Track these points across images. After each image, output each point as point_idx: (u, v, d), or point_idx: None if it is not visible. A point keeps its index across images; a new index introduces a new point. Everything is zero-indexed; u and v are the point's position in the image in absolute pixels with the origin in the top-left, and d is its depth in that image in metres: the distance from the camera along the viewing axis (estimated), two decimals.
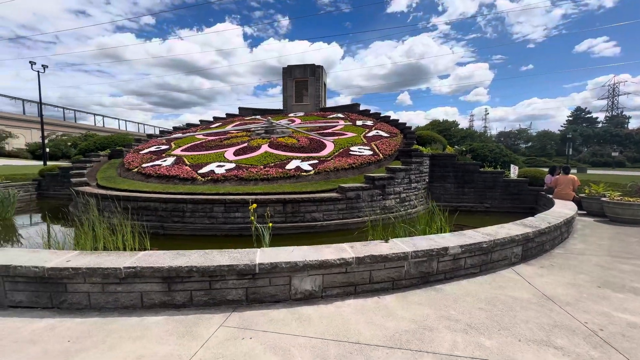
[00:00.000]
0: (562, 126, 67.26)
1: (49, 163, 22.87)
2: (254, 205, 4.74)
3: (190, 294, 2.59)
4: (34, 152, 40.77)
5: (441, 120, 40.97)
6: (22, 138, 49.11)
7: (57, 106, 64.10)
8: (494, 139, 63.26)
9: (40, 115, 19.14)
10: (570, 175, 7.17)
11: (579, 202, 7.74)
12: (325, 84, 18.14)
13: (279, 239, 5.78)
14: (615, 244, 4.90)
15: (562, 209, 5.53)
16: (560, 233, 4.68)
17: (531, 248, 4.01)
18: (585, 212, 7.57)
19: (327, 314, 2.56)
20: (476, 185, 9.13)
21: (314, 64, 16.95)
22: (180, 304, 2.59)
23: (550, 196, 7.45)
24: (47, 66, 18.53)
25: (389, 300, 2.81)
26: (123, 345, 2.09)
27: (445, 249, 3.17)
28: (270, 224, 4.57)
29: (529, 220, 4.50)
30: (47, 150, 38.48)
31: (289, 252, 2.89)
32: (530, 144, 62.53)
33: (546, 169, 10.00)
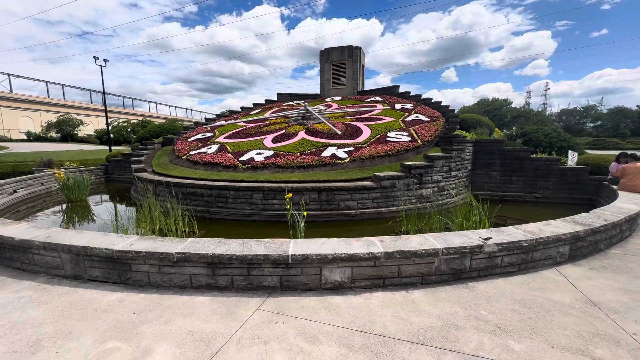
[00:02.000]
0: None
1: (113, 147, 25.60)
2: (290, 194, 4.97)
3: (231, 279, 2.89)
4: (101, 137, 45.79)
5: (490, 100, 37.69)
6: (91, 125, 55.36)
7: (117, 95, 70.78)
8: (553, 118, 56.70)
9: (105, 106, 21.34)
10: None
11: None
12: (363, 66, 17.59)
13: (314, 226, 6.01)
14: None
15: (626, 204, 4.95)
16: (619, 231, 4.23)
17: (581, 247, 3.71)
18: None
19: (355, 304, 2.69)
20: (526, 174, 8.43)
21: (351, 46, 16.45)
22: (223, 286, 2.90)
23: (615, 187, 6.66)
24: (107, 60, 20.39)
25: (417, 295, 2.85)
26: (176, 321, 2.43)
27: (480, 246, 3.09)
28: (305, 213, 4.77)
29: (582, 216, 4.12)
30: (111, 136, 43.05)
31: (320, 244, 3.04)
32: (599, 122, 54.80)
33: (616, 152, 8.86)
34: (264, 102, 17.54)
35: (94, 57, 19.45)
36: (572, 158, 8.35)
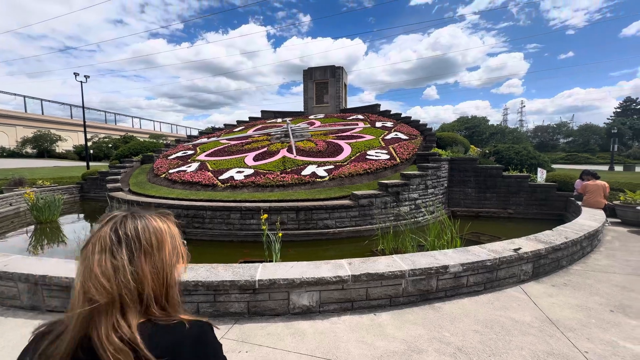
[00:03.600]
0: (608, 118, 61.71)
1: (92, 164, 24.85)
2: (265, 215, 4.97)
3: (197, 306, 2.84)
4: (80, 153, 44.47)
5: (469, 117, 39.33)
6: (70, 140, 53.72)
7: (99, 110, 69.53)
8: (529, 134, 59.45)
9: (84, 121, 20.86)
10: (601, 181, 6.70)
11: (613, 210, 7.22)
12: (345, 85, 18.10)
13: (292, 245, 5.98)
14: None
15: (587, 221, 5.22)
16: (580, 248, 4.44)
17: (544, 265, 3.86)
18: (619, 220, 7.05)
19: (322, 329, 2.69)
20: (499, 190, 8.76)
21: (334, 66, 16.97)
22: None
23: (580, 203, 7.01)
24: (89, 76, 20.12)
25: (384, 318, 2.88)
26: None
27: (445, 267, 3.17)
28: (280, 234, 4.77)
29: (545, 234, 4.31)
30: (91, 151, 41.86)
31: (289, 268, 3.04)
32: (571, 138, 57.86)
33: (587, 167, 9.38)
34: (247, 120, 17.65)
35: (74, 73, 19.19)
36: (541, 175, 8.76)
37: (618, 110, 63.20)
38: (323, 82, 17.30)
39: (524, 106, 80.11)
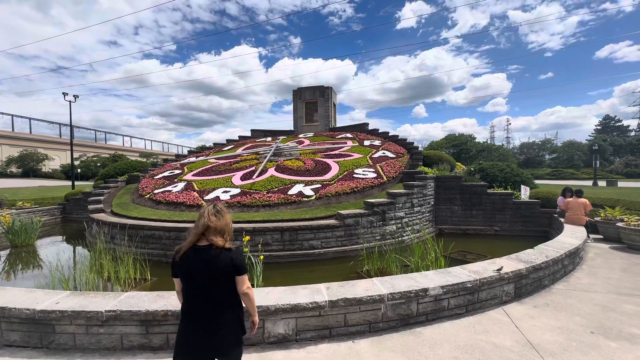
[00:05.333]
0: (590, 135, 64.10)
1: (79, 183, 24.29)
2: (247, 237, 4.89)
3: (166, 337, 2.70)
4: (67, 172, 43.64)
5: (457, 135, 40.31)
6: (57, 159, 52.83)
7: (89, 129, 69.06)
8: (515, 151, 60.98)
9: (71, 140, 20.60)
10: (581, 199, 6.84)
11: (594, 226, 7.34)
12: (334, 104, 18.46)
13: (276, 267, 5.86)
14: (627, 278, 4.59)
15: (568, 238, 5.27)
16: (562, 266, 4.45)
17: (526, 285, 3.84)
18: (601, 236, 7.15)
19: None
20: (484, 208, 8.85)
21: (323, 86, 17.37)
22: (157, 346, 2.70)
23: (562, 220, 7.11)
24: (78, 96, 20.06)
25: (363, 346, 2.79)
26: None
27: (425, 290, 3.13)
28: (262, 257, 4.68)
29: (526, 253, 4.32)
30: (79, 170, 41.13)
31: (264, 295, 2.95)
32: (555, 155, 59.54)
33: (572, 182, 9.58)
34: (237, 139, 17.70)
35: (63, 93, 19.14)
36: (525, 192, 8.90)
37: (598, 127, 65.72)
38: (312, 101, 17.63)
39: (510, 124, 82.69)
